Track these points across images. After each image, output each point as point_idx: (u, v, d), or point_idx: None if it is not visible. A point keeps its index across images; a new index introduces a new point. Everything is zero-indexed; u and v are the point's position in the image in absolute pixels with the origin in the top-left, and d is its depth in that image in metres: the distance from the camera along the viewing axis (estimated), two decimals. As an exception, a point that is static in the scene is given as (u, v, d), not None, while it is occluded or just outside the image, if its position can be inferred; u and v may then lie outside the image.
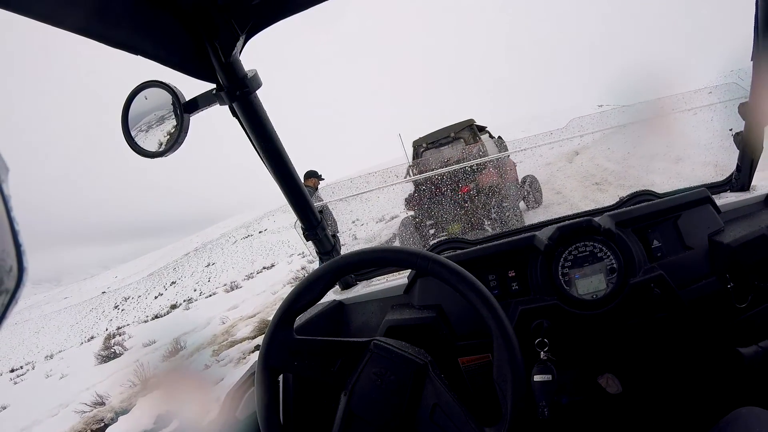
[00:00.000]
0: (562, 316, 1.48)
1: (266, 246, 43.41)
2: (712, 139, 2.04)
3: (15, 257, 0.30)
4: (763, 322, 1.56)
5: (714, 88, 2.01)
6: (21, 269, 0.30)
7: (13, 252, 0.30)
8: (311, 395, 1.58)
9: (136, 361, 10.70)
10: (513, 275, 1.60)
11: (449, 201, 7.99)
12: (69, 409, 9.31)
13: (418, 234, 9.10)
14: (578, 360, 1.60)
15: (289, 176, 1.59)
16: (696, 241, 1.56)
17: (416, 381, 1.10)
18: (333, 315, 1.82)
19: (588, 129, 2.56)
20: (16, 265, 0.30)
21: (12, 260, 0.30)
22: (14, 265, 0.30)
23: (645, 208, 1.60)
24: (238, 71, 1.30)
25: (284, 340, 1.20)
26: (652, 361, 1.61)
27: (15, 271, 0.30)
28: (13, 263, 0.30)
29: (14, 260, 0.30)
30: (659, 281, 1.44)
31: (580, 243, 1.51)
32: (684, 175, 7.15)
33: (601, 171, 12.25)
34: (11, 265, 0.29)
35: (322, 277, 1.24)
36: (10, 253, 0.30)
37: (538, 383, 1.34)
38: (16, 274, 0.30)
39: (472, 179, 8.57)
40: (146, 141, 1.26)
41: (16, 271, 0.30)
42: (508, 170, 9.67)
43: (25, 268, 0.30)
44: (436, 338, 1.54)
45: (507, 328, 1.10)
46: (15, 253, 0.30)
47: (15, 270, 0.30)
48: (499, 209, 8.69)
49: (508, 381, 1.07)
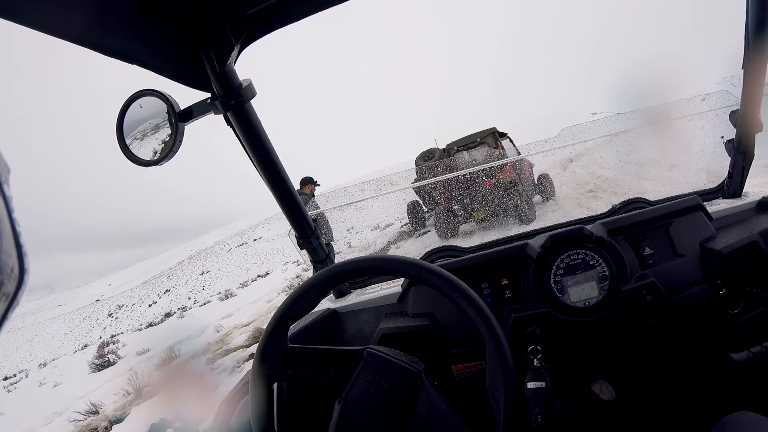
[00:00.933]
0: (555, 323, 1.48)
1: (261, 254, 43.30)
2: (704, 146, 2.05)
3: (16, 259, 0.30)
4: (756, 328, 1.57)
5: (706, 96, 2.03)
6: (22, 271, 0.30)
7: (14, 253, 0.30)
8: (305, 403, 1.57)
9: (130, 370, 10.65)
10: (506, 283, 1.60)
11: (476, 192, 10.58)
12: (63, 418, 9.26)
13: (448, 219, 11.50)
14: (571, 367, 1.60)
15: (284, 185, 1.60)
16: (688, 248, 1.56)
17: (410, 389, 1.10)
18: (327, 323, 1.82)
19: (580, 138, 2.57)
20: (17, 267, 0.30)
21: (13, 262, 0.30)
22: (16, 266, 0.30)
23: (637, 216, 1.61)
24: (233, 81, 1.31)
25: (278, 349, 1.20)
26: (645, 367, 1.62)
27: (16, 273, 0.30)
28: (14, 265, 0.30)
29: (16, 262, 0.30)
30: (651, 288, 1.45)
31: (572, 251, 1.52)
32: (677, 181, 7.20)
33: (595, 178, 12.32)
34: (12, 266, 0.30)
35: (315, 285, 1.24)
36: (12, 255, 0.30)
37: (531, 390, 1.34)
38: (18, 276, 0.30)
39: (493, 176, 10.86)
40: (141, 149, 1.26)
41: (17, 272, 0.30)
42: (525, 169, 11.58)
43: (26, 270, 0.30)
44: (430, 346, 1.54)
45: (499, 335, 1.11)
46: (16, 254, 0.30)
47: (16, 271, 0.30)
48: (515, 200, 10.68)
49: (501, 388, 1.07)
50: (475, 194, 10.96)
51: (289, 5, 1.26)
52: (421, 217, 13.48)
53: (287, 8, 1.27)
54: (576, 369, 1.62)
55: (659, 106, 2.27)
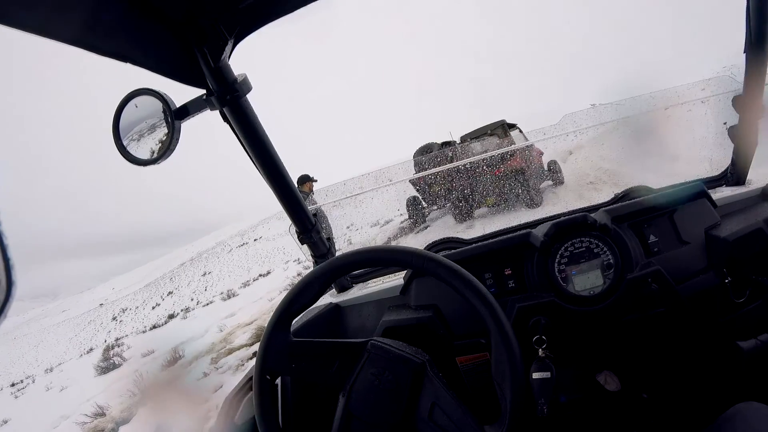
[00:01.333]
0: (560, 312, 1.47)
1: (262, 253, 43.30)
2: (707, 133, 2.04)
3: (4, 271, 0.29)
4: (762, 316, 1.56)
5: (707, 81, 2.02)
6: (9, 283, 0.30)
7: (1, 266, 0.29)
8: (309, 397, 1.57)
9: (135, 371, 10.69)
10: (509, 273, 1.59)
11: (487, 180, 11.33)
12: (70, 421, 9.32)
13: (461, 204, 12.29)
14: (576, 357, 1.59)
15: (282, 180, 1.59)
16: (693, 236, 1.56)
17: (414, 380, 1.10)
18: (329, 318, 1.81)
19: (581, 125, 2.56)
20: (5, 280, 0.29)
21: (1, 274, 0.29)
22: (3, 279, 0.29)
23: (640, 203, 1.60)
24: (228, 76, 1.30)
25: (281, 343, 1.20)
26: (650, 357, 1.61)
27: (4, 285, 0.29)
28: (2, 277, 0.29)
29: (3, 274, 0.29)
30: (656, 276, 1.44)
31: (576, 239, 1.51)
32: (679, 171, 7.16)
33: (596, 170, 12.29)
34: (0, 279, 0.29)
35: (317, 278, 1.24)
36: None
37: (536, 381, 1.33)
38: (5, 289, 0.29)
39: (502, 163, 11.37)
40: (138, 149, 1.26)
41: (5, 285, 0.29)
42: (534, 157, 12.43)
43: (14, 282, 0.30)
44: (434, 338, 1.53)
45: (505, 325, 1.10)
46: (4, 267, 0.29)
47: (4, 284, 0.29)
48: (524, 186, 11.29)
49: (507, 379, 1.06)
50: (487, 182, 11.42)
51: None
52: (420, 211, 13.85)
53: (279, 0, 1.26)
54: (581, 359, 1.61)
55: (659, 92, 2.26)
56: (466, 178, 11.62)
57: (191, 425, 5.62)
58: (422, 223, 14.20)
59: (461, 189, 11.89)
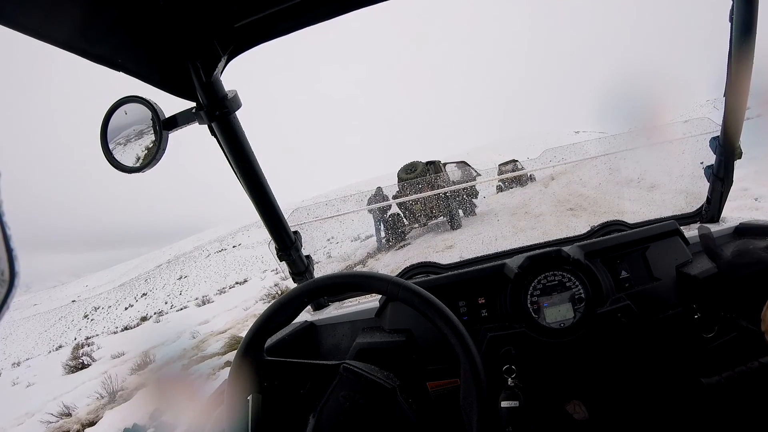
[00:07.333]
0: (530, 343, 1.49)
1: (240, 261, 43.01)
2: (684, 169, 2.08)
3: (7, 261, 0.30)
4: (729, 352, 1.58)
5: (686, 120, 2.05)
6: (13, 274, 0.30)
7: (4, 257, 0.30)
8: (281, 415, 1.57)
9: (104, 373, 10.53)
10: (483, 302, 1.61)
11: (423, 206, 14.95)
12: (35, 419, 9.15)
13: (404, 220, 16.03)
14: (545, 387, 1.61)
15: (265, 197, 1.60)
16: (664, 272, 1.58)
17: (384, 405, 1.11)
18: (304, 336, 1.81)
19: (559, 160, 2.60)
20: (8, 270, 0.30)
21: (4, 265, 0.30)
22: (6, 269, 0.30)
23: (614, 240, 1.62)
24: (219, 91, 1.31)
25: (255, 361, 1.20)
26: (618, 388, 1.63)
27: (7, 276, 0.30)
28: (4, 267, 0.30)
29: (6, 264, 0.30)
30: (626, 311, 1.46)
31: (549, 272, 1.53)
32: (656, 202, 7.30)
33: (576, 197, 12.42)
34: (3, 270, 0.30)
35: (294, 299, 1.24)
36: (2, 258, 0.30)
37: (505, 409, 1.34)
38: (8, 279, 0.30)
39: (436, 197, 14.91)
40: (124, 155, 1.25)
41: (8, 275, 0.30)
42: None
43: (17, 273, 0.30)
44: (406, 362, 1.54)
45: (473, 354, 1.11)
46: (7, 257, 0.30)
47: (7, 274, 0.30)
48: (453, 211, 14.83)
49: (474, 407, 1.07)
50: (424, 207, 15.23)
51: (277, 20, 1.27)
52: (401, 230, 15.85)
53: (275, 23, 1.28)
54: (550, 389, 1.63)
55: (641, 130, 2.30)
56: (418, 203, 15.09)
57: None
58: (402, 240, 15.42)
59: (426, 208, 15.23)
